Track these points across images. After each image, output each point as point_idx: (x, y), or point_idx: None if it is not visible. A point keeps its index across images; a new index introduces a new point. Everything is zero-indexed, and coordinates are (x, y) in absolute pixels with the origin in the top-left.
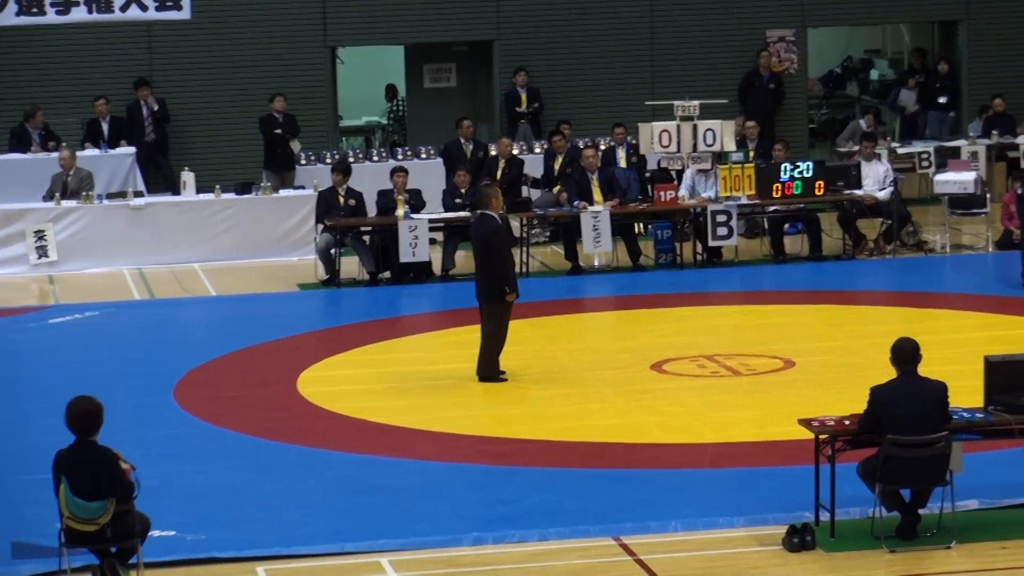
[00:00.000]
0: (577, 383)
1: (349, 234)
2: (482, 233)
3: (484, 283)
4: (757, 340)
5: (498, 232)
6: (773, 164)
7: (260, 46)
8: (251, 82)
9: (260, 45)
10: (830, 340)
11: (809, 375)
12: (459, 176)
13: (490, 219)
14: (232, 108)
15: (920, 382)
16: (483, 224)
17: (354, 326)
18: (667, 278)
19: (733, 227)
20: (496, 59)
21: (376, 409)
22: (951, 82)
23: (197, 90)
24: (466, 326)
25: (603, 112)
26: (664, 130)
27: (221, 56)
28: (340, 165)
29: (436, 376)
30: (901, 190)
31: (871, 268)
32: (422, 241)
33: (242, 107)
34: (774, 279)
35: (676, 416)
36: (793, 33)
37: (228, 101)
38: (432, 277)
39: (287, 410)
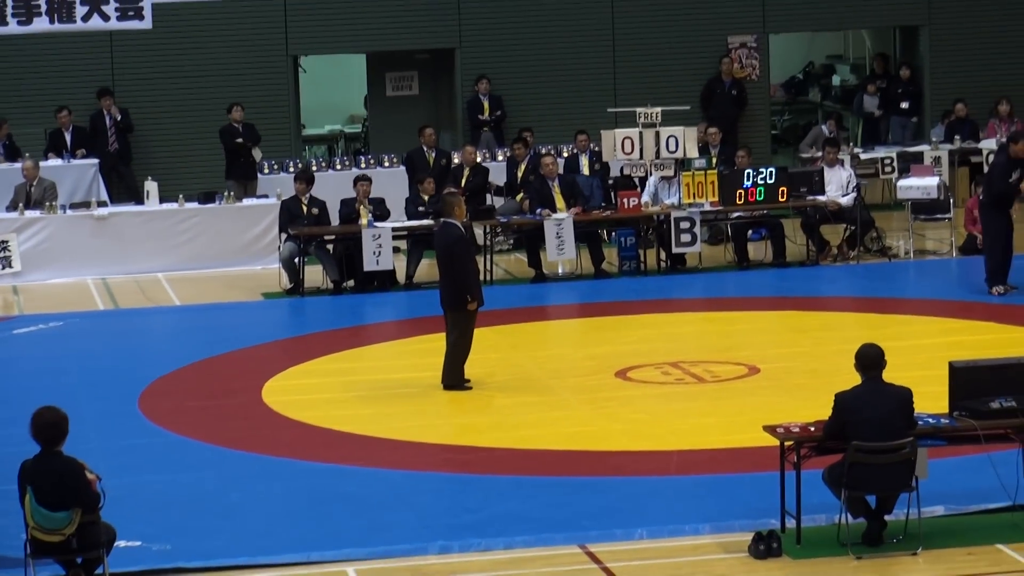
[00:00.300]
0: (542, 391)
1: (313, 243)
2: (445, 241)
3: (447, 291)
4: (721, 347)
5: (460, 241)
6: (736, 170)
7: (222, 55)
8: (214, 91)
9: (222, 54)
10: (795, 346)
11: (774, 381)
12: (424, 184)
13: (453, 227)
14: (195, 117)
15: (885, 388)
16: (446, 232)
17: (319, 335)
18: (631, 285)
19: (696, 234)
20: (458, 67)
21: (341, 418)
22: (913, 87)
23: (160, 99)
24: (431, 334)
25: (566, 119)
26: (627, 137)
27: (183, 65)
28: (303, 174)
29: (401, 385)
30: (864, 196)
31: (835, 274)
32: (386, 249)
33: (205, 116)
34: (738, 286)
35: (641, 423)
36: (755, 39)
37: (191, 110)
38: (396, 285)
39: (252, 419)
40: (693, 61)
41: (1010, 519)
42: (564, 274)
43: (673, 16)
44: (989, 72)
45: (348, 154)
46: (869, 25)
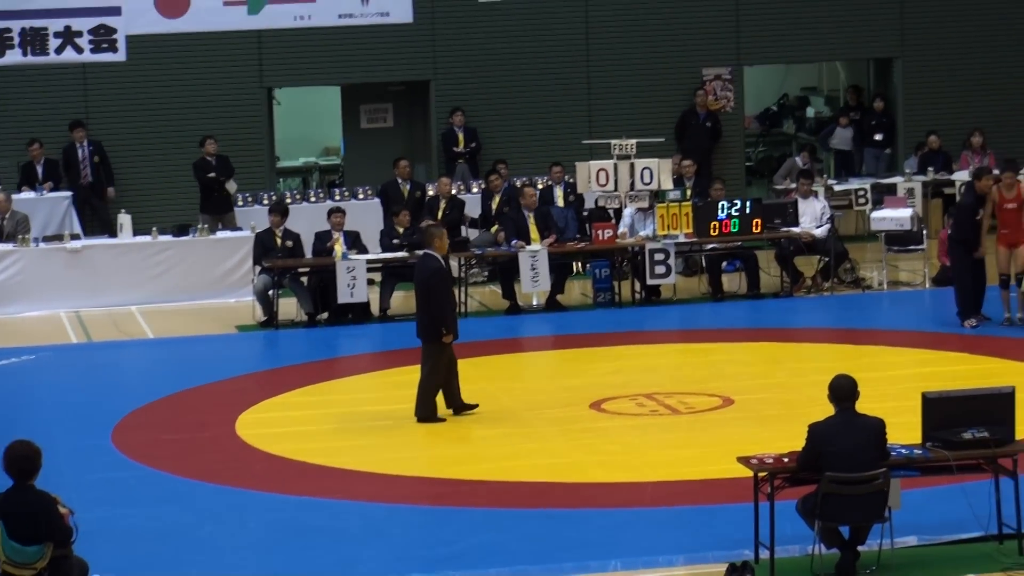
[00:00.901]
0: (517, 423)
1: (287, 275)
2: (423, 274)
3: (423, 322)
4: (696, 378)
5: (437, 273)
6: (710, 202)
7: (196, 87)
8: (188, 123)
9: (196, 86)
10: (768, 378)
11: (748, 413)
12: (399, 216)
13: (431, 259)
14: (169, 149)
15: (858, 419)
16: (424, 264)
17: (293, 367)
18: (606, 317)
19: (671, 265)
20: (433, 99)
21: (316, 450)
22: (887, 119)
23: (133, 132)
24: (405, 367)
25: (540, 151)
26: (601, 169)
27: (157, 98)
28: (277, 206)
29: (376, 417)
30: (838, 227)
31: (809, 305)
32: (360, 282)
33: (179, 148)
34: (712, 317)
35: (616, 455)
36: (729, 71)
37: (165, 142)
38: (370, 318)
39: (226, 452)
40: (667, 93)
41: (983, 549)
42: (538, 306)
43: (648, 48)
44: (962, 104)
45: (323, 186)
46: (843, 57)
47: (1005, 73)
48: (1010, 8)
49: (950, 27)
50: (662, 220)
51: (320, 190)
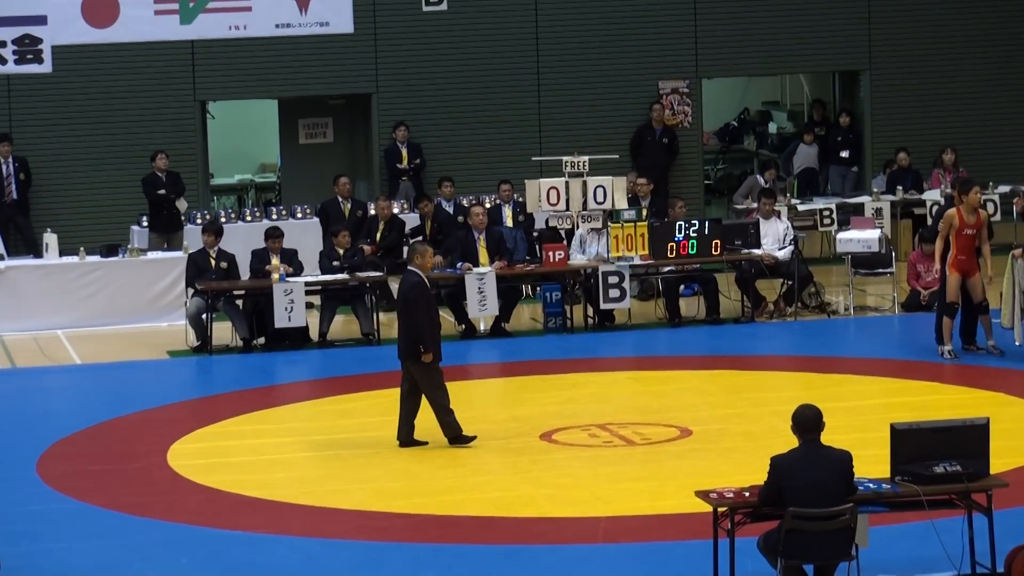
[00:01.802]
0: (462, 454)
1: (221, 298)
2: (404, 288)
3: (404, 340)
4: (652, 408)
5: (415, 288)
6: (667, 222)
7: (126, 101)
8: (116, 138)
9: (126, 100)
10: (728, 407)
11: (706, 444)
12: (338, 237)
13: (412, 275)
14: (98, 165)
15: (823, 451)
16: (405, 280)
17: (227, 395)
18: (557, 343)
19: (626, 289)
20: (375, 113)
21: (251, 482)
22: (853, 135)
23: (60, 147)
24: (346, 395)
25: (488, 168)
26: (552, 187)
27: (85, 111)
28: (211, 226)
29: (314, 447)
30: (802, 249)
31: (771, 331)
32: (298, 305)
33: (109, 164)
34: (669, 343)
35: (567, 488)
36: (687, 84)
37: (93, 158)
38: (309, 343)
39: (157, 484)
40: (622, 108)
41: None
42: (485, 331)
43: (601, 61)
44: (933, 119)
45: (259, 205)
46: (807, 70)
47: (978, 87)
48: (985, 20)
49: (920, 38)
50: (616, 241)
51: (256, 209)
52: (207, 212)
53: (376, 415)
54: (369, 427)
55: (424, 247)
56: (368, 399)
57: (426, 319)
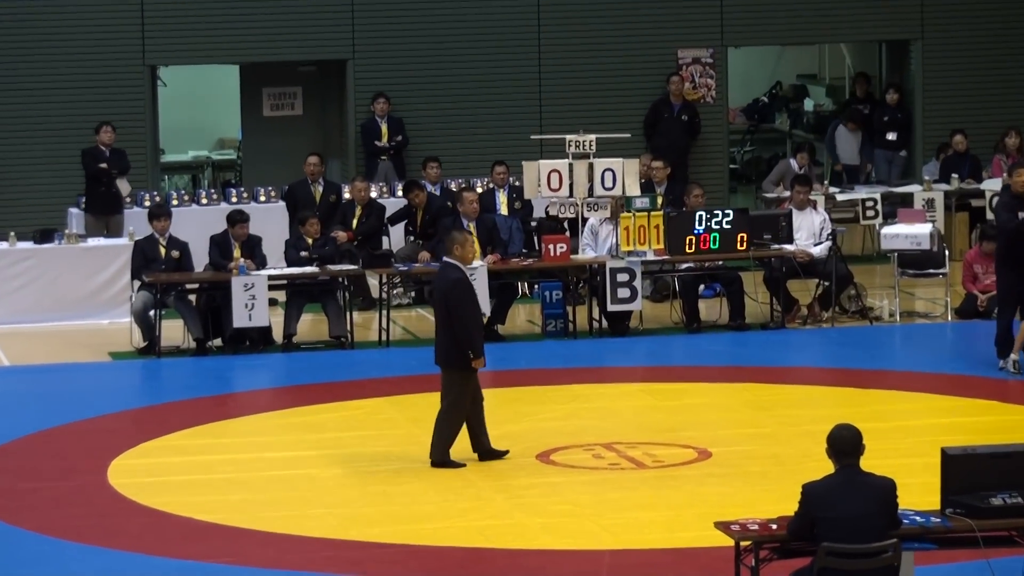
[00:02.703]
0: (447, 476)
1: (172, 293)
2: (442, 285)
3: (444, 346)
4: (665, 425)
5: (458, 286)
6: (686, 212)
7: (66, 65)
8: (54, 107)
9: (66, 64)
10: (754, 426)
11: (728, 468)
12: (307, 224)
13: (452, 269)
14: (32, 138)
15: (863, 478)
16: (444, 275)
17: (178, 404)
18: (557, 350)
19: (637, 288)
20: (351, 82)
21: (203, 505)
22: (901, 115)
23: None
24: (313, 405)
25: (480, 147)
26: (554, 170)
27: (18, 77)
28: (160, 209)
29: (277, 466)
30: (841, 245)
31: (804, 339)
32: (260, 302)
33: (44, 137)
34: (686, 351)
35: (567, 517)
36: (711, 54)
37: (27, 130)
38: (272, 346)
39: (96, 505)
40: (635, 80)
41: None
42: None
43: (612, 26)
44: (994, 97)
45: (216, 186)
46: (849, 39)
47: None
48: None
49: (980, 3)
50: (626, 233)
51: (213, 190)
52: (156, 193)
53: (349, 429)
54: (341, 443)
55: (464, 234)
56: (340, 411)
57: (474, 321)
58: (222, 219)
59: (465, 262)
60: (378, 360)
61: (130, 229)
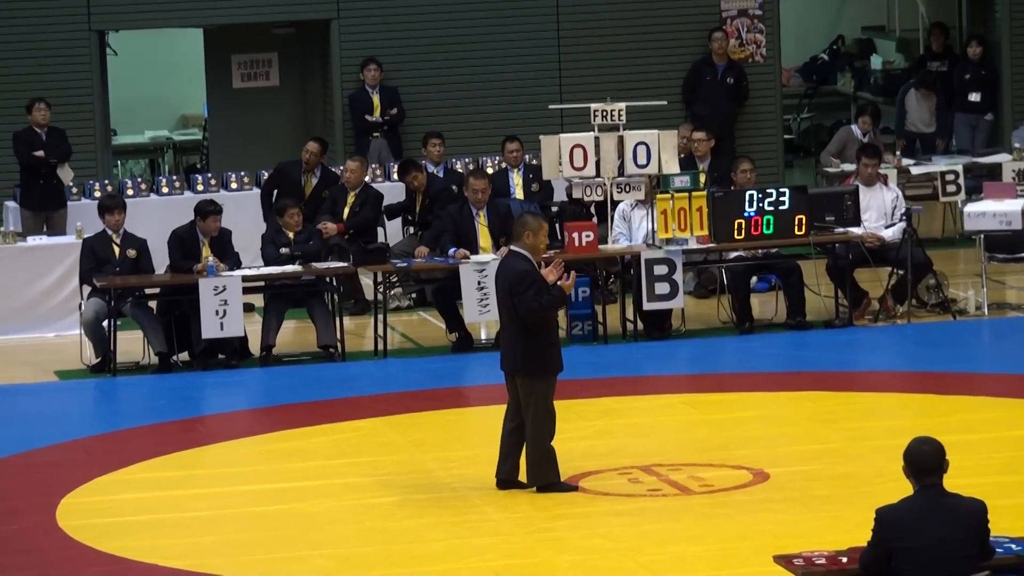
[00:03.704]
0: (457, 507)
1: (128, 299)
2: (508, 277)
3: (514, 349)
4: (714, 443)
5: (526, 278)
6: (734, 192)
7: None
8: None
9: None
10: (818, 442)
11: (789, 492)
12: (286, 214)
13: (518, 259)
14: None
15: (947, 500)
16: (510, 266)
17: (138, 431)
18: (585, 356)
19: (678, 283)
20: (335, 47)
21: (170, 548)
22: (986, 72)
23: None
24: (298, 428)
25: (489, 121)
26: (577, 145)
27: None
28: (113, 200)
29: (256, 501)
30: (917, 227)
31: (876, 339)
32: (233, 308)
33: None
34: (737, 356)
35: (600, 553)
36: (759, 4)
37: None
38: (249, 359)
39: (43, 552)
40: (672, 37)
41: None
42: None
43: None
44: None
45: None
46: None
47: None
48: None
49: None
50: (664, 218)
51: (175, 177)
52: (108, 182)
53: (341, 456)
54: (332, 472)
55: (537, 220)
56: (329, 434)
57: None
58: (186, 211)
59: (536, 253)
60: (374, 374)
61: (77, 225)
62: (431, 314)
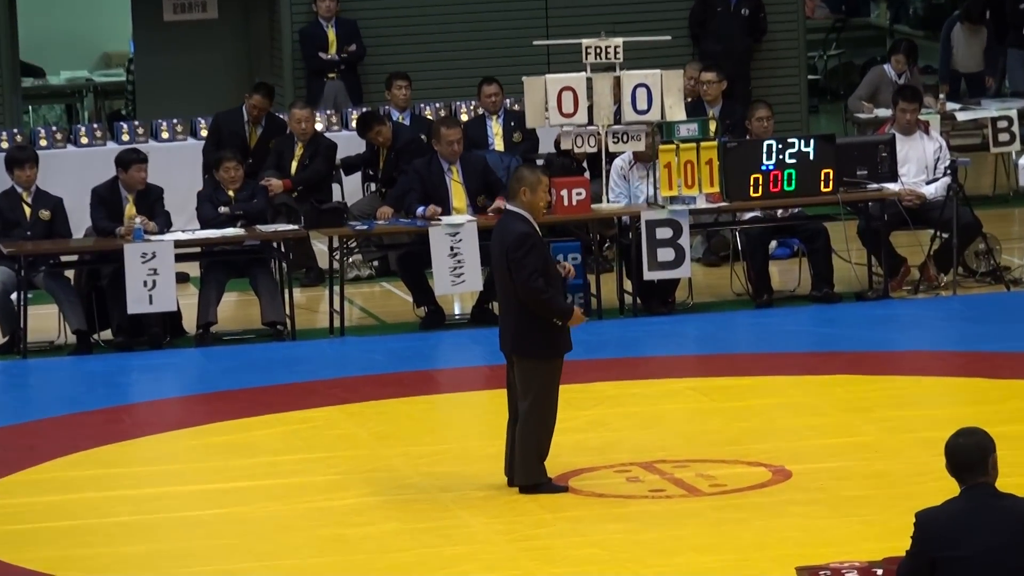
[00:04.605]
0: (427, 511)
1: (42, 268)
2: (505, 240)
3: (513, 327)
4: (727, 436)
5: (526, 241)
6: (749, 142)
7: None
8: None
9: None
10: (848, 434)
11: (814, 493)
12: (223, 167)
13: (515, 220)
14: None
15: (998, 502)
16: (506, 228)
17: (53, 422)
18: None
19: (684, 248)
20: None
21: (92, 560)
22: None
23: None
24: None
25: (464, 60)
26: (566, 88)
27: None
28: (22, 153)
29: (192, 504)
30: (964, 182)
31: (916, 313)
32: (164, 278)
33: None
34: (754, 334)
35: (594, 565)
36: None
37: None
38: (183, 338)
39: None
40: None
41: None
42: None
43: None
44: None
45: (101, 119)
46: None
47: None
48: None
49: None
50: (668, 173)
51: (96, 126)
52: (16, 132)
53: (291, 451)
54: (281, 470)
55: (535, 173)
56: (278, 426)
57: (543, 287)
58: (109, 165)
59: (535, 212)
60: (329, 355)
61: None
62: (396, 285)
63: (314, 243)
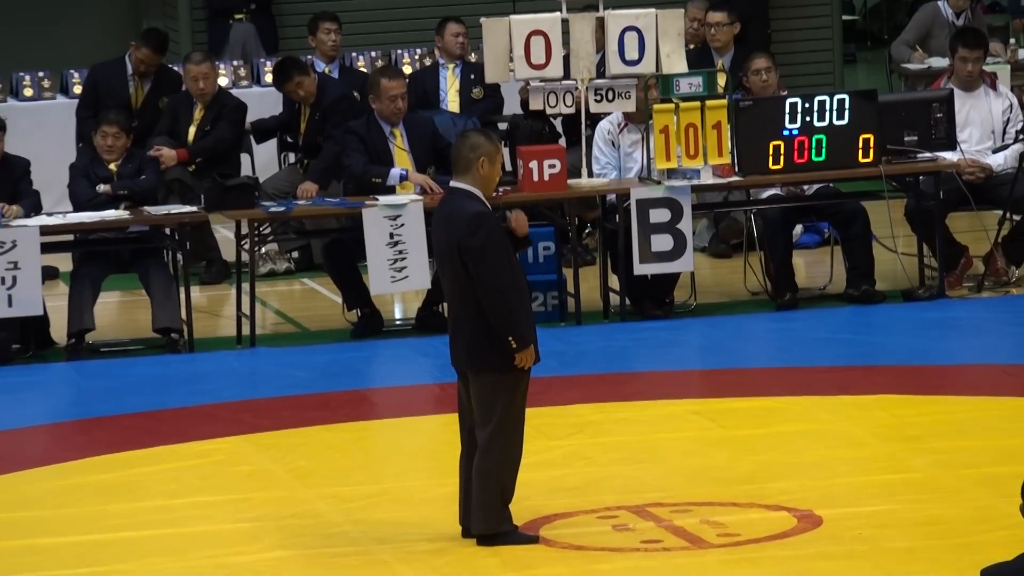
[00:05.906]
0: (359, 567)
1: None
2: (454, 223)
3: (468, 335)
4: (740, 473)
5: (482, 226)
6: (767, 99)
7: None
8: None
9: None
10: (893, 470)
11: (850, 545)
12: (101, 133)
13: (468, 201)
14: None
15: None
16: (454, 208)
17: None
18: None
19: (686, 235)
20: None
21: None
22: None
23: None
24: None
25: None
26: (536, 31)
27: None
28: None
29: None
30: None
31: (978, 316)
32: (28, 274)
33: None
34: (774, 343)
35: None
36: None
37: None
38: (50, 349)
39: None
40: None
41: None
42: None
43: None
44: None
45: None
46: None
47: None
48: None
49: None
50: (665, 140)
51: None
52: None
53: (187, 493)
54: (173, 517)
55: (492, 141)
56: (170, 461)
57: (512, 284)
58: None
59: (488, 190)
60: (237, 370)
61: None
62: (321, 282)
63: (217, 229)
